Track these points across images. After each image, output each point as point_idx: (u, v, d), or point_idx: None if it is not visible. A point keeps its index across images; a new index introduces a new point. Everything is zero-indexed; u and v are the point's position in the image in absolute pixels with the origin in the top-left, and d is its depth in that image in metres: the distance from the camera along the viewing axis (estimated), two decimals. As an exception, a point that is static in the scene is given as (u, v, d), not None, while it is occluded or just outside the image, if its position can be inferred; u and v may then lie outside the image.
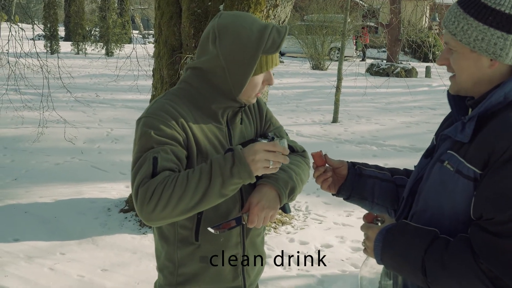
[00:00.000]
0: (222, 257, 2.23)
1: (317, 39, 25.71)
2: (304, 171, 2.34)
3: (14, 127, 10.55)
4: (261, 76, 2.15)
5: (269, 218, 2.14)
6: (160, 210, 1.87)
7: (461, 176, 1.75)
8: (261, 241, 2.45)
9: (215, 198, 1.92)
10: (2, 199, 6.51)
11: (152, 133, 2.00)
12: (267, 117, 2.45)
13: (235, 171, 1.89)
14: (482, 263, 1.65)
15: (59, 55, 10.09)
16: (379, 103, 15.58)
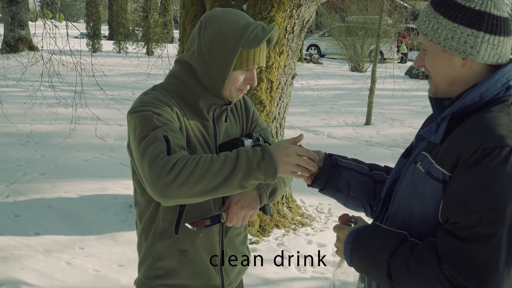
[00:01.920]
0: (202, 253, 2.23)
1: (357, 40, 25.51)
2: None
3: (48, 123, 10.72)
4: (241, 73, 2.14)
5: (248, 218, 2.14)
6: (177, 186, 1.80)
7: (431, 178, 1.72)
8: (242, 241, 2.45)
9: (234, 188, 1.87)
10: (27, 193, 6.62)
11: (153, 114, 1.97)
12: (254, 118, 2.46)
13: (262, 166, 1.86)
14: (446, 268, 1.61)
15: (101, 53, 10.24)
16: (415, 106, 15.37)
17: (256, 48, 2.07)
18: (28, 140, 9.39)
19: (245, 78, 2.16)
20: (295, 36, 5.51)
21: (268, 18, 5.20)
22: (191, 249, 2.21)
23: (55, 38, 8.76)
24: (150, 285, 2.27)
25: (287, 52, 5.50)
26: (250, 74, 2.16)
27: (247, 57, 2.09)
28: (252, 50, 2.08)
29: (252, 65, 2.12)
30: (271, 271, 4.90)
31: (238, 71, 2.12)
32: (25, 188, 6.84)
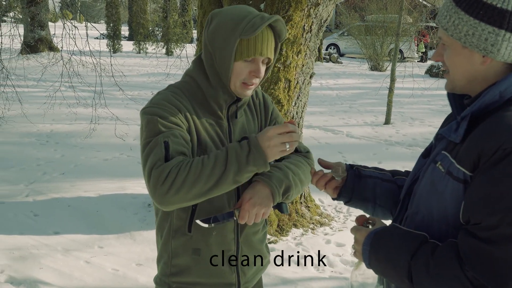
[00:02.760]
0: (215, 251, 2.23)
1: (376, 39, 25.39)
2: (305, 172, 2.30)
3: (68, 123, 10.80)
4: (244, 64, 2.12)
5: (261, 216, 2.13)
6: (173, 193, 1.89)
7: (451, 177, 1.69)
8: (260, 239, 2.42)
9: (229, 185, 1.96)
10: (47, 192, 6.67)
11: (158, 119, 2.04)
12: (273, 115, 2.44)
13: (250, 159, 1.93)
14: (467, 270, 1.58)
15: (121, 54, 10.30)
16: (435, 105, 15.26)
17: (252, 35, 2.05)
18: (48, 140, 9.46)
19: (249, 70, 2.13)
20: (313, 35, 5.49)
21: (286, 17, 5.19)
22: (204, 247, 2.22)
23: (75, 38, 8.82)
24: (166, 282, 2.30)
25: (305, 51, 5.49)
26: (254, 66, 2.13)
27: (247, 46, 2.08)
28: (252, 39, 2.07)
29: (253, 54, 2.09)
30: (290, 270, 4.89)
31: (240, 62, 2.11)
32: (44, 187, 6.89)
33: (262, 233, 2.44)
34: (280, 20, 2.12)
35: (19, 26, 13.58)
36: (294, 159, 2.31)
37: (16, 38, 11.91)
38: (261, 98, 2.44)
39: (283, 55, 5.29)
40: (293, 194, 2.23)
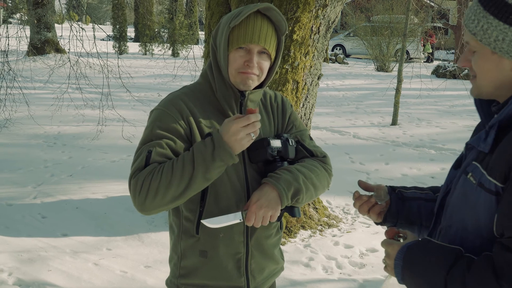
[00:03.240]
0: (223, 253, 2.22)
1: (382, 40, 25.36)
2: (320, 176, 2.26)
3: (75, 124, 10.81)
4: (236, 53, 2.14)
5: (269, 219, 2.10)
6: (150, 200, 1.97)
7: (483, 189, 1.64)
8: (273, 245, 2.38)
9: (201, 183, 2.00)
10: (55, 194, 6.68)
11: (155, 126, 2.11)
12: (291, 119, 2.42)
13: (216, 155, 1.96)
14: (503, 284, 1.53)
15: (127, 55, 10.31)
16: (442, 106, 15.23)
17: (238, 20, 2.09)
18: (55, 142, 9.47)
19: (244, 60, 2.14)
20: (320, 37, 5.48)
21: (294, 18, 5.18)
22: (211, 250, 2.22)
23: (82, 40, 8.83)
24: (175, 283, 2.32)
25: (313, 53, 5.47)
26: (247, 55, 2.14)
27: (237, 34, 2.12)
28: (243, 27, 2.11)
29: (243, 42, 2.11)
30: (298, 272, 4.88)
31: (235, 51, 2.14)
32: (52, 189, 6.90)
33: (276, 238, 2.40)
34: (273, 9, 2.13)
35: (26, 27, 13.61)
36: (308, 163, 2.27)
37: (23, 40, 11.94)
38: (279, 102, 2.43)
39: (291, 57, 5.28)
40: (304, 198, 2.18)
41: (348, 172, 8.00)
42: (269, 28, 2.15)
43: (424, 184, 7.71)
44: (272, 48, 2.17)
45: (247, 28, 2.11)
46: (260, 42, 2.11)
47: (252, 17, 2.13)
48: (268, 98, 2.41)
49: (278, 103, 2.42)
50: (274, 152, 2.17)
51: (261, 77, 2.20)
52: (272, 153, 2.16)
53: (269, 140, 2.17)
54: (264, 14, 2.16)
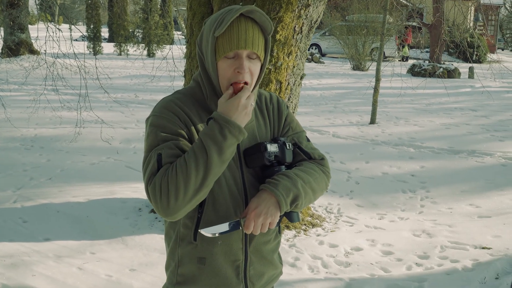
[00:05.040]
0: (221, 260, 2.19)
1: (358, 39, 25.49)
2: (318, 180, 2.22)
3: (52, 127, 10.69)
4: (225, 62, 2.07)
5: (268, 226, 2.06)
6: (173, 201, 1.92)
7: None
8: (272, 250, 2.34)
9: (218, 167, 1.96)
10: (35, 198, 6.58)
11: (158, 131, 2.06)
12: (287, 121, 2.36)
13: (226, 133, 1.94)
14: None
15: (101, 56, 10.23)
16: (419, 104, 15.35)
17: (222, 29, 2.01)
18: (33, 145, 9.35)
19: (234, 68, 2.06)
20: (303, 36, 5.48)
21: (277, 18, 5.17)
22: (209, 257, 2.18)
23: (59, 41, 8.73)
24: None
25: (296, 53, 5.47)
26: (237, 62, 2.06)
27: (223, 42, 2.04)
28: (227, 33, 2.03)
29: (230, 49, 2.04)
30: (285, 272, 4.84)
31: (223, 60, 2.07)
32: (32, 193, 6.80)
33: (275, 243, 2.36)
34: (256, 10, 2.06)
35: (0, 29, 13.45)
36: (306, 166, 2.23)
37: (-2, 42, 11.80)
38: (275, 103, 2.37)
39: (274, 57, 5.27)
40: (303, 203, 2.15)
41: (329, 172, 8.00)
42: (255, 30, 2.08)
43: (405, 182, 7.78)
44: (261, 50, 2.11)
45: (232, 34, 2.03)
46: (247, 46, 2.05)
47: (235, 22, 2.05)
48: (263, 100, 2.35)
49: (273, 104, 2.36)
50: (271, 156, 2.13)
51: (253, 82, 2.13)
52: (269, 158, 2.13)
53: (266, 144, 2.13)
54: (248, 16, 2.09)
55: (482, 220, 6.35)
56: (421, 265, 5.13)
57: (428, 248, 5.51)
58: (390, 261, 5.22)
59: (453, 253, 5.39)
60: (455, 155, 9.38)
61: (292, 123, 2.37)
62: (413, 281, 4.78)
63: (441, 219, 6.38)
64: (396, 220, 6.37)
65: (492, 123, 12.67)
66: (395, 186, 7.64)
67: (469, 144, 10.20)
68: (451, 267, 5.07)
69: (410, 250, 5.47)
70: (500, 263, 5.07)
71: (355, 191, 7.41)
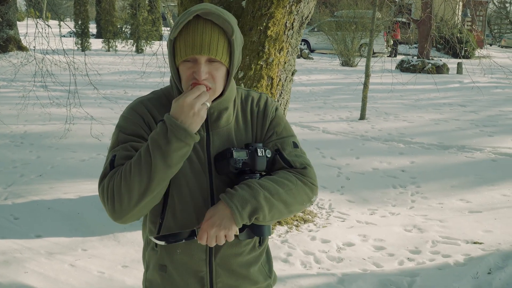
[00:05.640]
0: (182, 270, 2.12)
1: (347, 35, 25.53)
2: (293, 191, 2.03)
3: (41, 123, 10.63)
4: (184, 66, 1.96)
5: (223, 238, 1.95)
6: (118, 206, 1.87)
7: None
8: (246, 263, 2.18)
9: (163, 171, 1.85)
10: (26, 195, 6.56)
11: (120, 132, 2.03)
12: (272, 125, 2.18)
13: (170, 136, 1.81)
14: None
15: (89, 52, 10.18)
16: (408, 100, 15.40)
17: (174, 34, 1.93)
18: (22, 141, 9.29)
19: (192, 71, 1.95)
20: (294, 32, 5.48)
21: (268, 14, 5.17)
22: (170, 265, 2.12)
23: (48, 38, 8.68)
24: None
25: (287, 49, 5.47)
26: (195, 66, 1.94)
27: (179, 46, 1.93)
28: (183, 38, 1.92)
29: (185, 54, 1.92)
30: (277, 268, 4.85)
31: (183, 64, 1.96)
32: (23, 190, 6.77)
33: (251, 256, 2.19)
34: (213, 12, 1.92)
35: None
36: (280, 176, 2.05)
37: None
38: (261, 106, 2.20)
39: (266, 53, 5.26)
40: (267, 217, 1.98)
41: (319, 167, 8.01)
42: (214, 33, 1.93)
43: (395, 178, 7.80)
44: (221, 53, 1.95)
45: (188, 38, 1.91)
46: (203, 52, 1.91)
47: (193, 25, 1.92)
48: (249, 102, 2.20)
49: (259, 107, 2.20)
50: (238, 163, 1.99)
51: (217, 87, 2.00)
52: (236, 165, 1.99)
53: (232, 150, 2.00)
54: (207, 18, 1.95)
55: (473, 215, 6.39)
56: (413, 260, 5.15)
57: (419, 243, 5.53)
58: (382, 256, 5.24)
59: (445, 248, 5.42)
60: (444, 151, 9.42)
61: (278, 127, 2.18)
62: (405, 276, 4.80)
63: (432, 214, 6.41)
64: (387, 215, 6.39)
65: (481, 118, 12.72)
66: (386, 182, 7.67)
67: (458, 140, 10.25)
68: (443, 262, 5.09)
69: (401, 245, 5.49)
70: (493, 258, 5.10)
71: (346, 187, 7.42)
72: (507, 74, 11.42)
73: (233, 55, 1.99)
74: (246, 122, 2.17)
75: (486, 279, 4.72)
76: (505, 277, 4.74)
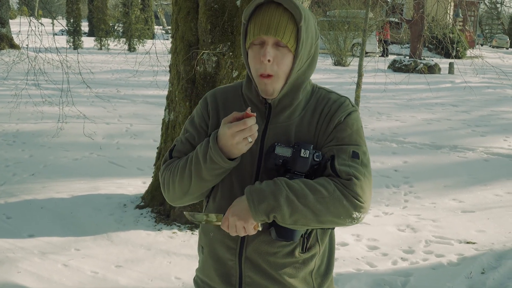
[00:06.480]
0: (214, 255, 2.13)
1: (340, 35, 25.56)
2: (325, 199, 1.85)
3: (33, 122, 10.59)
4: (253, 51, 1.97)
5: (242, 229, 1.90)
6: (166, 193, 2.12)
7: None
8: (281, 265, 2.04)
9: (198, 182, 2.00)
10: (18, 194, 6.53)
11: (188, 120, 2.21)
12: (335, 129, 2.01)
13: (208, 156, 1.93)
14: None
15: (81, 50, 10.14)
16: (400, 100, 15.43)
17: (247, 14, 1.96)
18: (15, 140, 9.26)
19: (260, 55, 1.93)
20: (289, 32, 5.47)
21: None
22: (205, 247, 2.17)
23: (41, 36, 8.64)
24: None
25: (282, 48, 5.45)
26: (262, 50, 1.93)
27: (250, 29, 1.96)
28: (253, 20, 1.94)
29: (253, 36, 1.93)
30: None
31: (251, 48, 1.97)
32: (15, 189, 6.74)
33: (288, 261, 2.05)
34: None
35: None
36: (317, 182, 1.90)
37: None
38: (333, 108, 2.06)
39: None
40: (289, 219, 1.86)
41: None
42: (283, 17, 1.91)
43: (388, 178, 7.81)
44: (288, 38, 1.92)
45: (257, 20, 1.92)
46: (269, 32, 1.90)
47: (264, 8, 1.94)
48: (324, 102, 2.09)
49: (331, 108, 2.05)
50: (277, 159, 1.92)
51: (280, 73, 1.95)
52: (275, 161, 1.93)
53: (276, 145, 1.94)
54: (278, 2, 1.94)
55: (466, 215, 6.41)
56: (407, 260, 5.16)
57: (413, 243, 5.54)
58: (376, 256, 5.24)
59: (438, 247, 5.43)
60: (437, 150, 9.44)
61: (341, 133, 2.00)
62: (399, 275, 4.80)
63: (425, 214, 6.42)
64: (381, 215, 6.40)
65: (473, 118, 12.77)
66: (379, 181, 7.67)
67: (451, 139, 10.28)
68: (437, 261, 5.11)
69: (395, 244, 5.50)
70: (486, 258, 5.12)
71: (339, 187, 7.41)
72: (499, 74, 11.42)
73: (299, 42, 1.94)
74: (312, 122, 2.05)
75: (479, 279, 4.73)
76: (498, 277, 4.75)
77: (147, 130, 10.09)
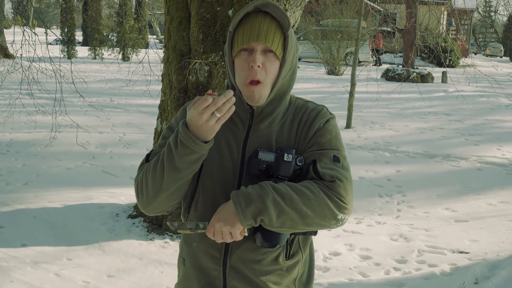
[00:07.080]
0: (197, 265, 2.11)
1: (333, 44, 25.62)
2: (311, 201, 1.86)
3: (27, 131, 10.57)
4: (241, 58, 1.99)
5: (228, 234, 1.90)
6: (140, 198, 2.01)
7: None
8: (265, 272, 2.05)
9: (173, 174, 1.89)
10: (11, 203, 6.51)
11: (167, 127, 2.15)
12: (315, 135, 2.06)
13: (179, 142, 1.84)
14: None
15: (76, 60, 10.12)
16: (393, 109, 15.46)
17: (235, 22, 1.99)
18: (8, 149, 9.24)
19: (248, 62, 1.95)
20: (282, 42, 5.48)
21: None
22: (187, 259, 2.15)
23: (35, 45, 8.63)
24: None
25: (274, 58, 5.47)
26: (251, 57, 1.96)
27: (237, 37, 1.99)
28: (241, 28, 1.98)
29: (242, 43, 1.96)
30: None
31: (238, 57, 1.99)
32: (8, 198, 6.72)
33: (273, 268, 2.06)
34: (272, 4, 1.96)
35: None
36: (302, 184, 1.93)
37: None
38: (312, 115, 2.11)
39: (253, 62, 5.26)
40: (277, 222, 1.87)
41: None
42: (271, 25, 1.97)
43: (381, 187, 7.82)
44: (276, 45, 1.97)
45: (246, 28, 1.96)
46: (259, 39, 1.94)
47: (252, 16, 1.98)
48: (302, 111, 2.14)
49: (310, 116, 2.11)
50: (261, 165, 1.95)
51: (268, 80, 1.99)
52: (259, 166, 1.95)
53: (259, 151, 1.97)
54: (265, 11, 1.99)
55: (459, 224, 6.42)
56: (399, 270, 5.16)
57: (405, 253, 5.55)
58: (369, 265, 5.24)
59: (431, 257, 5.44)
60: (430, 159, 9.46)
61: (321, 139, 2.05)
62: (391, 285, 4.81)
63: (418, 223, 6.43)
64: (373, 224, 6.41)
65: (466, 127, 12.81)
66: (372, 191, 7.68)
67: (444, 148, 10.30)
68: (429, 271, 5.11)
69: (388, 254, 5.50)
70: (479, 268, 5.13)
71: (332, 196, 7.41)
72: (492, 83, 11.46)
73: (287, 49, 2.00)
74: (292, 129, 2.09)
75: (472, 289, 4.74)
76: (491, 287, 4.76)
77: (140, 139, 10.08)
